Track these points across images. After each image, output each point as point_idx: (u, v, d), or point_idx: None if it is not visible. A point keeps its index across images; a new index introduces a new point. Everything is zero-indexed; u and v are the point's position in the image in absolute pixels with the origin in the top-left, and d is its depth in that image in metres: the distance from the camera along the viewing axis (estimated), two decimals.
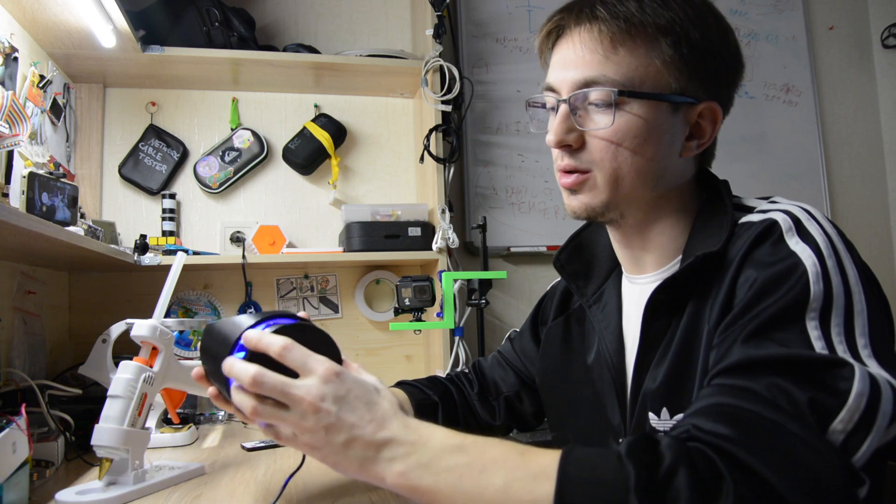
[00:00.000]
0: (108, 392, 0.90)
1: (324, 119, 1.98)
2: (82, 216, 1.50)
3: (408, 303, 1.57)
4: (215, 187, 1.90)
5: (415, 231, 1.83)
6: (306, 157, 1.95)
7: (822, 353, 0.56)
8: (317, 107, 2.02)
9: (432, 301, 1.58)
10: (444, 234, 1.80)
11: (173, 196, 1.84)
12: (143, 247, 1.63)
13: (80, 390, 1.20)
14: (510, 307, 2.15)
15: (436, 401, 0.93)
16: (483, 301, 1.82)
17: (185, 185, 1.90)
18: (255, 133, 1.94)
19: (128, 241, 1.78)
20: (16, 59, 1.33)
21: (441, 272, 1.75)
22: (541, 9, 2.25)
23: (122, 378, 0.91)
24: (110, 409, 0.89)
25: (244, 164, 1.92)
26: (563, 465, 0.52)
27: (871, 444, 0.53)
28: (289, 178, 1.99)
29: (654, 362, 0.72)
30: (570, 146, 0.73)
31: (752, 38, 2.48)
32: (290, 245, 1.92)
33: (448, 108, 1.90)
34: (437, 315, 1.72)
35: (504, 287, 2.14)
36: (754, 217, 0.68)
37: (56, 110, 1.59)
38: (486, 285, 1.83)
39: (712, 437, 0.52)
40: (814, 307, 0.58)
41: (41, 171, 1.26)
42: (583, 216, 0.75)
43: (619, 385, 0.78)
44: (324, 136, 1.94)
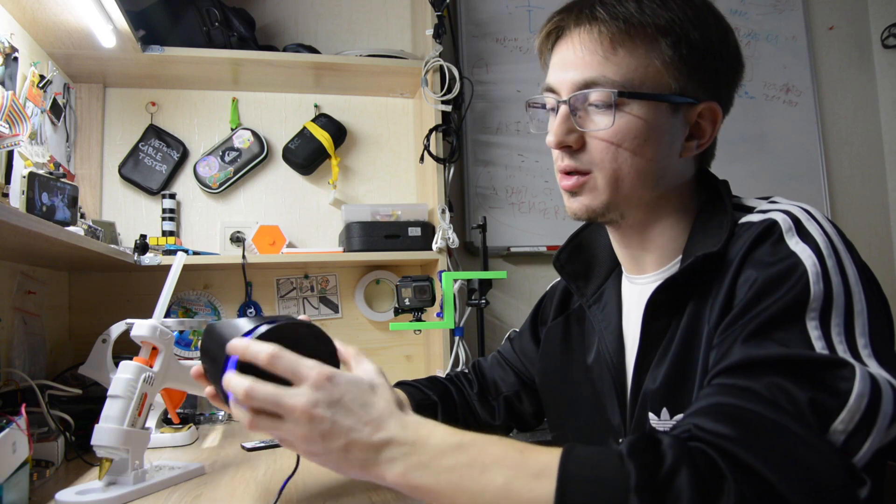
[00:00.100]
0: (108, 392, 0.91)
1: (324, 119, 1.98)
2: (82, 216, 1.50)
3: (408, 303, 1.57)
4: (215, 187, 1.90)
5: (415, 231, 1.83)
6: (306, 157, 1.95)
7: (823, 353, 0.56)
8: (317, 107, 2.02)
9: (432, 301, 1.58)
10: (444, 234, 1.80)
11: (173, 196, 1.84)
12: (143, 247, 1.63)
13: (80, 390, 1.20)
14: (510, 307, 2.15)
15: (435, 401, 0.94)
16: (483, 301, 1.82)
17: (185, 185, 1.90)
18: (255, 133, 1.94)
19: (128, 241, 1.78)
20: (16, 59, 1.33)
21: (441, 272, 1.75)
22: (541, 9, 2.25)
23: (122, 378, 0.91)
24: (110, 409, 0.89)
25: (244, 164, 1.92)
26: (563, 464, 0.52)
27: (871, 445, 0.53)
28: (289, 178, 1.99)
29: (654, 362, 0.72)
30: (570, 147, 0.73)
31: (752, 38, 2.48)
32: (290, 245, 1.92)
33: (448, 108, 1.90)
34: (437, 315, 1.72)
35: (504, 287, 2.14)
36: (754, 217, 0.68)
37: (56, 110, 1.59)
38: (486, 285, 1.83)
39: (714, 436, 0.52)
40: (814, 307, 0.58)
41: (41, 171, 1.26)
42: (583, 217, 0.75)
43: (618, 385, 0.78)
44: (324, 136, 1.94)
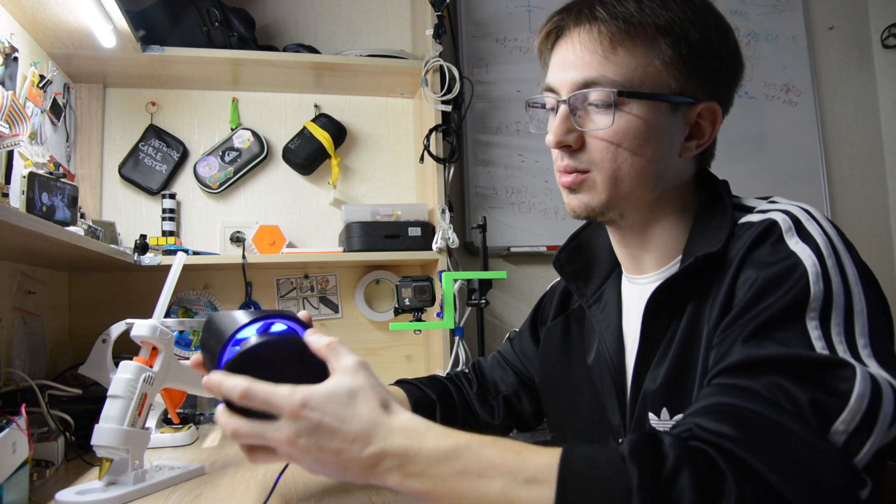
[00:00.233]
0: (108, 392, 0.90)
1: (324, 119, 1.98)
2: (82, 216, 1.50)
3: (408, 303, 1.57)
4: (215, 187, 1.90)
5: (415, 231, 1.82)
6: (306, 157, 1.95)
7: (823, 353, 0.56)
8: (317, 107, 2.02)
9: (432, 301, 1.58)
10: (444, 234, 1.80)
11: (173, 196, 1.84)
12: (143, 247, 1.63)
13: (80, 390, 1.20)
14: (510, 307, 2.15)
15: (434, 399, 0.93)
16: (483, 301, 1.82)
17: (185, 185, 1.90)
18: (255, 133, 1.94)
19: (128, 241, 1.78)
20: (16, 59, 1.33)
21: (441, 272, 1.75)
22: (541, 9, 2.25)
23: (122, 378, 0.91)
24: (110, 409, 0.89)
25: (244, 164, 1.92)
26: (563, 464, 0.52)
27: (872, 446, 0.53)
28: (289, 178, 1.99)
29: (654, 362, 0.72)
30: (570, 147, 0.73)
31: (752, 38, 2.48)
32: (290, 245, 1.92)
33: (448, 108, 1.90)
34: (437, 315, 1.72)
35: (504, 287, 2.14)
36: (754, 217, 0.68)
37: (56, 110, 1.59)
38: (486, 285, 1.83)
39: (714, 436, 0.52)
40: (814, 307, 0.58)
41: (41, 171, 1.26)
42: (582, 215, 0.75)
43: (618, 385, 0.78)
44: (324, 136, 1.94)
